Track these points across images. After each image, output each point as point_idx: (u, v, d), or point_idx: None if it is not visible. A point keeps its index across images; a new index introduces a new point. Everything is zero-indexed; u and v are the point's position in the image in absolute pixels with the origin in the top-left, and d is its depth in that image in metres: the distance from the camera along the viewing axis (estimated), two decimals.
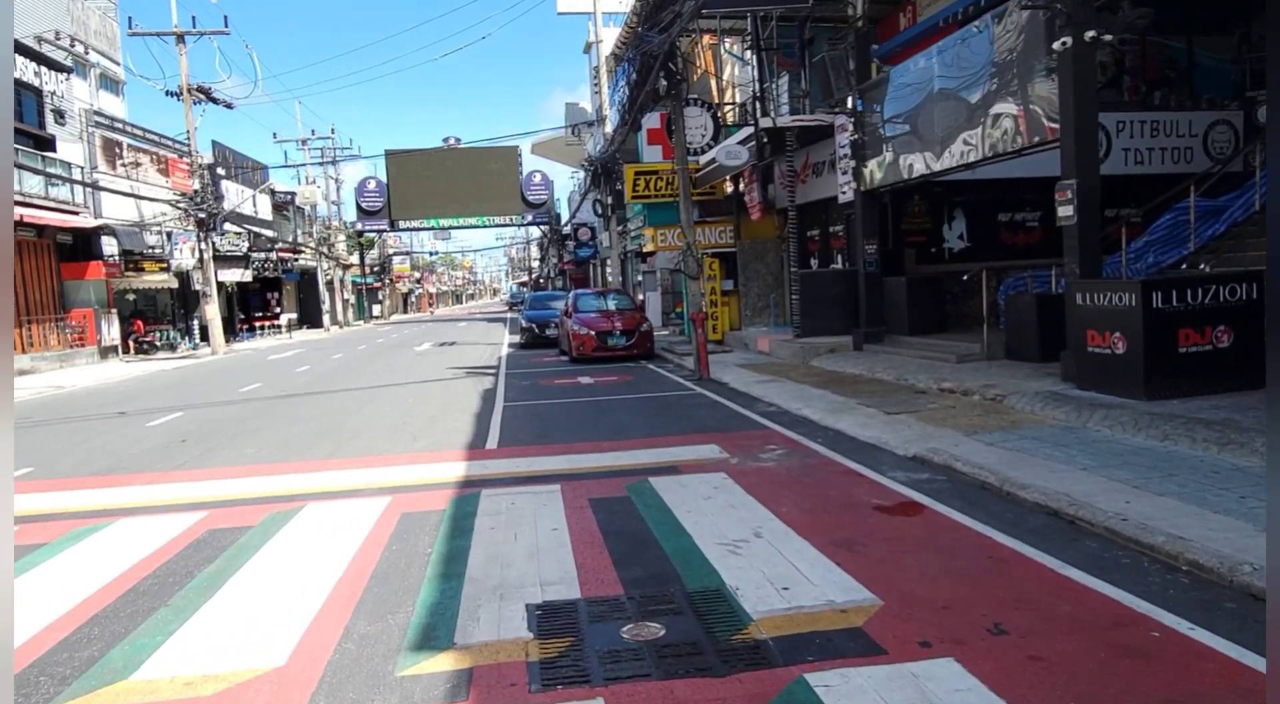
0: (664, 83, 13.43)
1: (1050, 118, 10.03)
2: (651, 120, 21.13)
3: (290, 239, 47.43)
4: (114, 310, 28.53)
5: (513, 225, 59.19)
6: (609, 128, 25.27)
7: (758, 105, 16.30)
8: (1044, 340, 11.26)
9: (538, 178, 54.99)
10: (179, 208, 28.44)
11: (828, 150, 17.38)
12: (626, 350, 17.81)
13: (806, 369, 13.95)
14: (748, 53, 21.53)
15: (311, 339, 38.27)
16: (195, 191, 28.35)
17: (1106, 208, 17.45)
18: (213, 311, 29.07)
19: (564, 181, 74.34)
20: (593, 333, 17.74)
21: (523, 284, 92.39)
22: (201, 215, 27.85)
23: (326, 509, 6.50)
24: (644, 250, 21.75)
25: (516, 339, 26.38)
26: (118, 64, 37.47)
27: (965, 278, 12.72)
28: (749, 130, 16.40)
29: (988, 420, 8.34)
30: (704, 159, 17.83)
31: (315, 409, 12.64)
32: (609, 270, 44.52)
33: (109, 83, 37.01)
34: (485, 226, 56.69)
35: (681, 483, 6.68)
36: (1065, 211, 9.40)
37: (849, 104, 14.74)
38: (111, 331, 28.32)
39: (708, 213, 21.35)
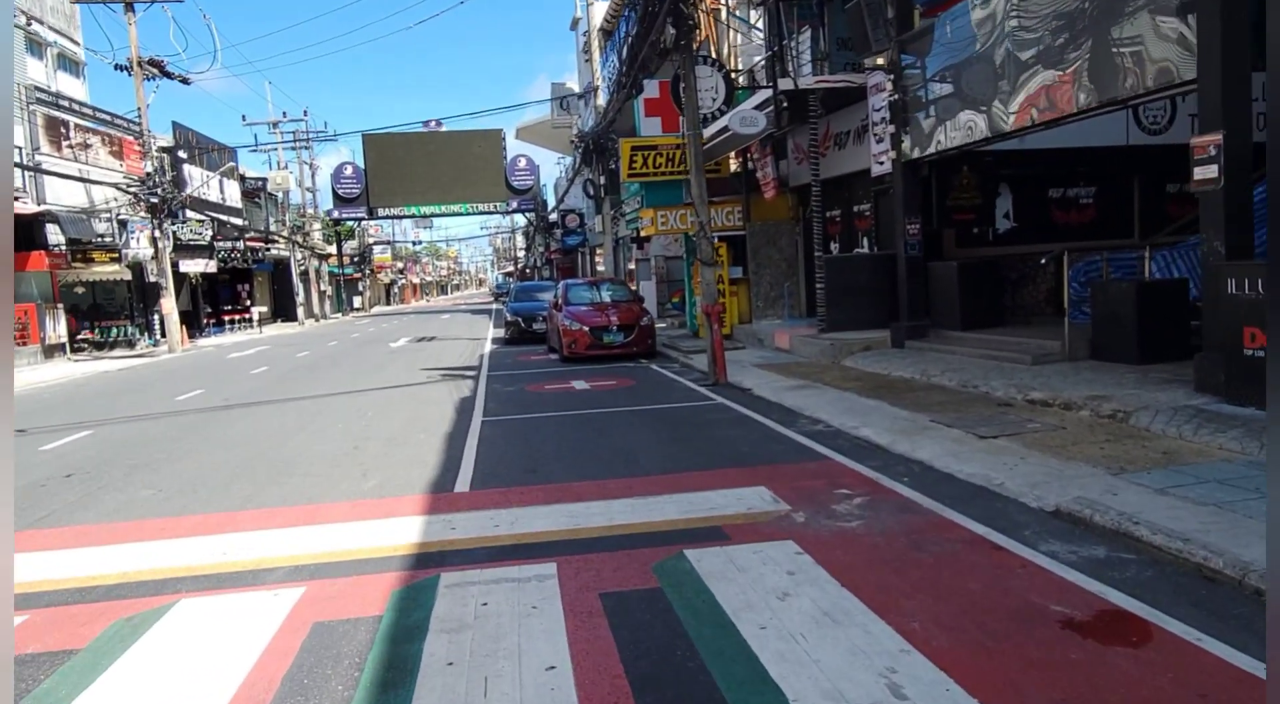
0: (672, 31, 11.23)
1: (1178, 56, 7.90)
2: (650, 89, 18.87)
3: (262, 228, 44.94)
4: (60, 305, 26.12)
5: (497, 213, 56.76)
6: (601, 101, 23.04)
7: (776, 65, 14.11)
8: (1145, 337, 9.18)
9: (523, 163, 52.61)
10: (128, 192, 26.01)
11: (855, 117, 15.22)
12: (625, 348, 15.64)
13: (841, 371, 11.83)
14: (755, 12, 19.34)
15: (282, 334, 35.91)
16: (147, 175, 25.93)
17: (1169, 181, 15.46)
18: (170, 306, 26.70)
19: (551, 168, 71.81)
20: (586, 328, 15.55)
21: (508, 274, 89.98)
22: (154, 200, 25.43)
23: (203, 611, 4.31)
24: (641, 235, 19.59)
25: (501, 333, 24.18)
26: (78, 44, 34.77)
27: (1044, 260, 10.61)
28: (766, 93, 14.22)
29: (1126, 450, 6.22)
30: (713, 128, 15.65)
31: (253, 426, 10.42)
32: (599, 260, 42.29)
33: (68, 63, 34.30)
34: (468, 214, 54.31)
35: (735, 561, 4.53)
36: (1207, 174, 7.28)
37: (886, 60, 12.58)
38: (58, 328, 25.92)
39: (713, 192, 19.08)
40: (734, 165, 20.04)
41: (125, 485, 7.40)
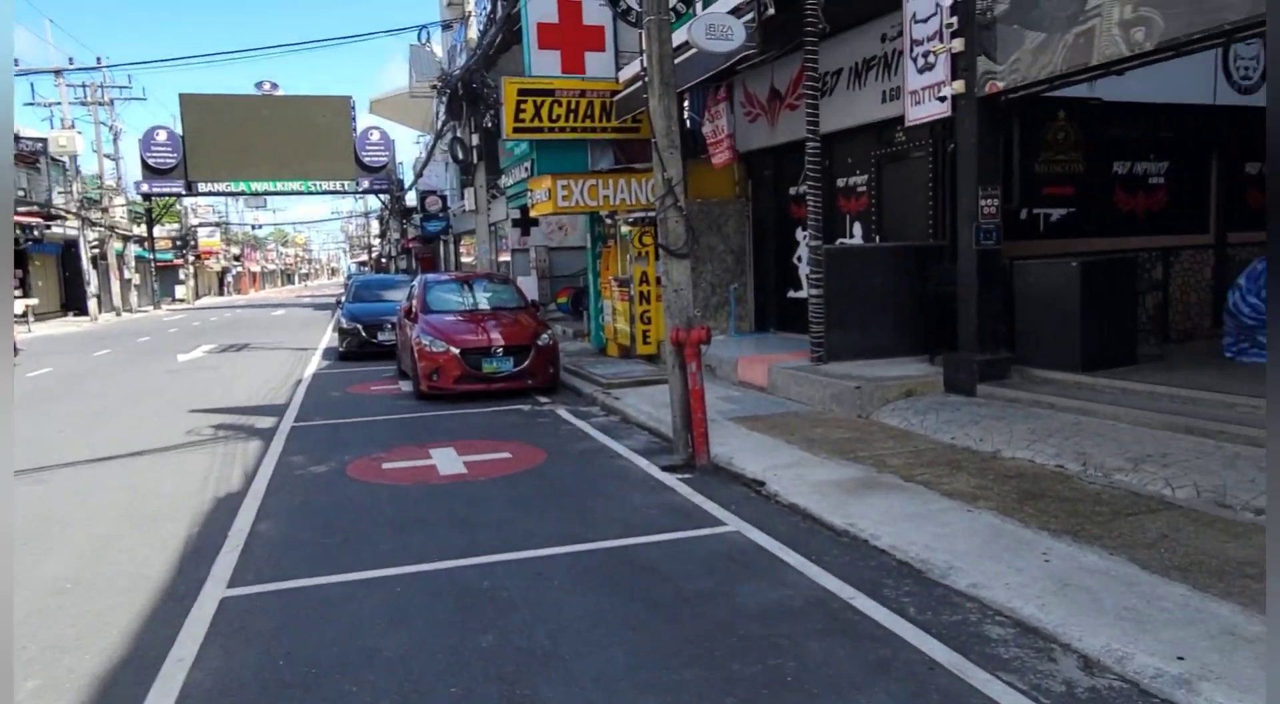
0: None
1: None
2: (545, 8, 13.59)
3: (44, 200, 36.39)
4: None
5: (346, 192, 49.53)
6: (473, 33, 17.39)
7: None
8: None
9: (376, 136, 45.74)
10: None
11: (852, 49, 10.50)
12: (515, 381, 10.32)
13: (895, 439, 6.99)
14: None
15: (58, 335, 28.20)
16: None
17: (1249, 160, 11.57)
18: None
19: (409, 149, 64.81)
20: (455, 352, 10.12)
21: (362, 263, 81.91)
22: None
23: None
24: (531, 213, 14.32)
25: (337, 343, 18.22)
26: None
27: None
28: None
29: None
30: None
31: None
32: (464, 250, 36.35)
33: None
34: (311, 193, 46.90)
35: None
36: None
37: None
38: None
39: (631, 156, 14.07)
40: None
41: None
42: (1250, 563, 4.04)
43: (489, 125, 16.38)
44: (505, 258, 25.59)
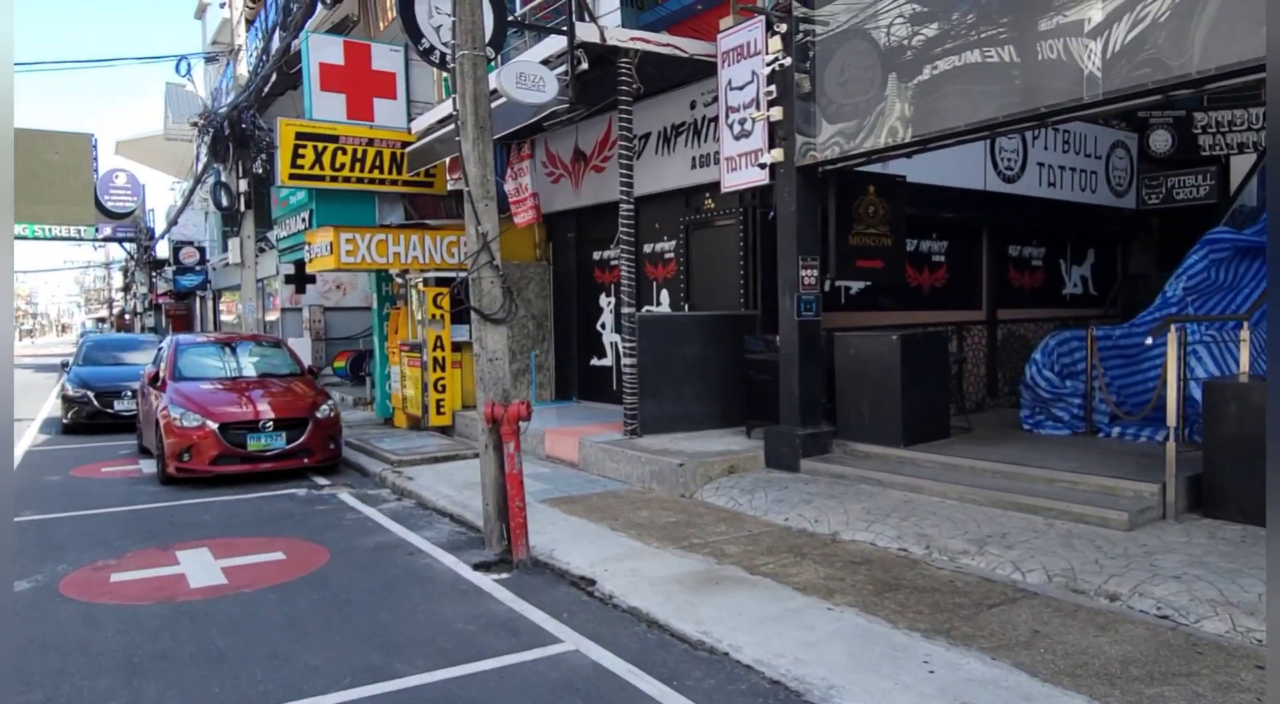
0: None
1: None
2: (329, 50, 12.45)
3: None
4: None
5: (83, 239, 43.97)
6: (244, 68, 15.71)
7: (572, 2, 8.67)
8: None
9: (121, 179, 41.08)
10: None
11: (663, 113, 10.33)
12: (288, 459, 8.90)
13: (726, 522, 6.47)
14: None
15: None
16: None
17: (1010, 243, 12.53)
18: None
19: (162, 196, 58.93)
20: (212, 428, 8.57)
21: (100, 320, 73.22)
22: None
23: None
24: (308, 269, 12.86)
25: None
26: None
27: (1149, 341, 6.17)
28: (555, 44, 8.70)
29: None
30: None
31: None
32: (226, 308, 33.11)
33: None
34: (39, 238, 41.15)
35: None
36: None
37: (769, 2, 7.80)
38: None
39: (423, 213, 13.06)
40: (452, 179, 14.14)
41: None
42: (1133, 661, 3.78)
43: (260, 171, 14.77)
44: (273, 317, 23.36)
